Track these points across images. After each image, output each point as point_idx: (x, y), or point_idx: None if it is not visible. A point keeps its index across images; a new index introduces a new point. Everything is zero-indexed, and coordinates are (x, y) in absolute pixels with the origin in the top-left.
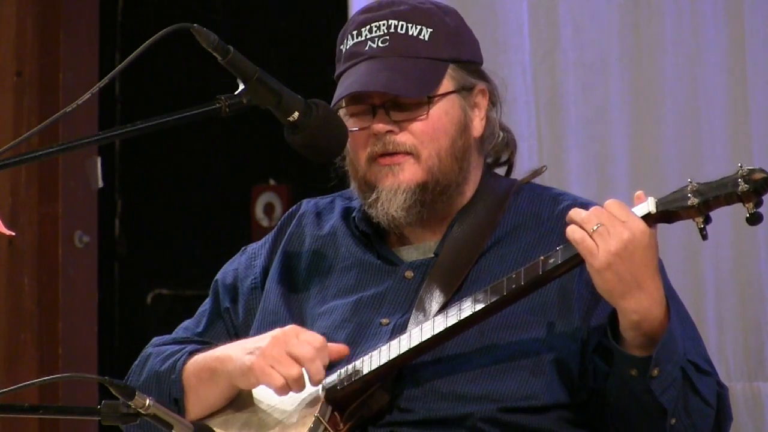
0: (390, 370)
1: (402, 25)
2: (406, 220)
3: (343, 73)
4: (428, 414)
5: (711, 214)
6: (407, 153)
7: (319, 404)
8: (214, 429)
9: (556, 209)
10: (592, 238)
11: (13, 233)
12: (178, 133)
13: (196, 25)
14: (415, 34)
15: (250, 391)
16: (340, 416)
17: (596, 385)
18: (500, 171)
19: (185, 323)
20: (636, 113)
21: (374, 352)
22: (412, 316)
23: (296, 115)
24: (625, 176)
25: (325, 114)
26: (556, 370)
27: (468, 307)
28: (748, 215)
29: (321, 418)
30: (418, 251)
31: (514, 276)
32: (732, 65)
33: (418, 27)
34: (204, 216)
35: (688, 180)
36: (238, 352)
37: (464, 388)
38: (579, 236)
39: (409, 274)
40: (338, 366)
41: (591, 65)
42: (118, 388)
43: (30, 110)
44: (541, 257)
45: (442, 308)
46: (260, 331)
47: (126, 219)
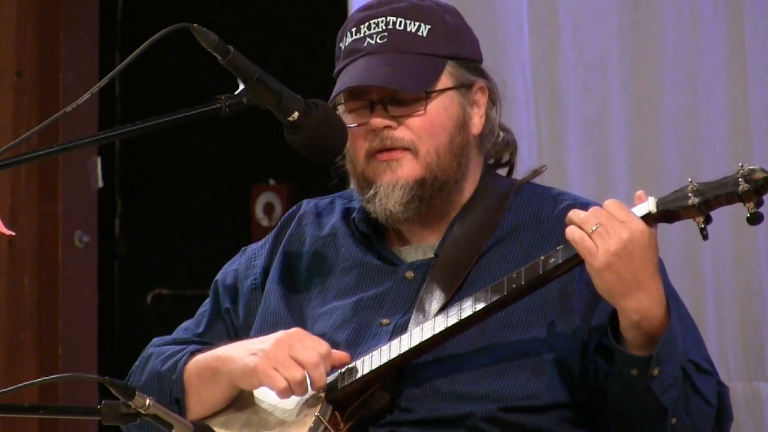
0: (390, 370)
1: (400, 22)
2: (404, 215)
3: (341, 69)
4: (429, 414)
5: (711, 213)
6: (405, 149)
7: (320, 404)
8: (215, 429)
9: (557, 209)
10: (591, 239)
11: (13, 233)
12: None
13: (196, 25)
14: (413, 30)
15: (251, 390)
16: (340, 416)
17: (597, 385)
18: (501, 171)
19: (185, 324)
20: (636, 113)
21: (375, 352)
22: (412, 317)
23: (296, 115)
24: (625, 176)
25: (324, 114)
26: (556, 369)
27: (468, 307)
28: (748, 215)
29: (321, 418)
30: (419, 252)
31: (514, 276)
32: (732, 65)
33: (417, 23)
34: (204, 216)
35: (689, 180)
36: (240, 353)
37: (465, 387)
38: (578, 236)
39: (409, 274)
40: (339, 366)
41: (591, 65)
42: (118, 388)
43: (30, 110)
44: (542, 257)
45: (443, 308)
46: (261, 331)
47: (126, 219)
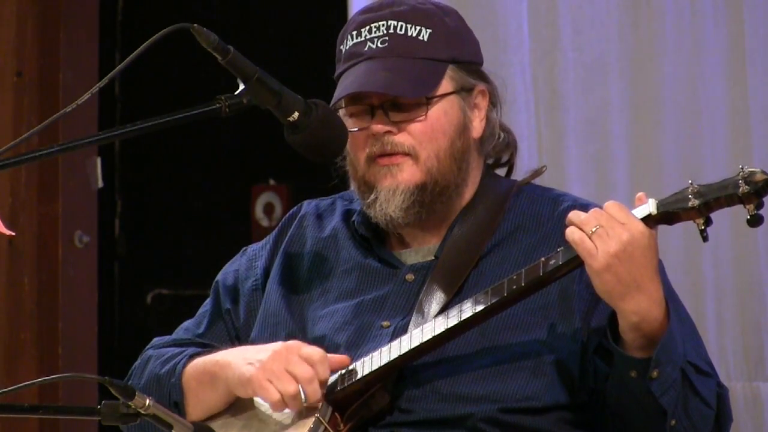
0: (390, 371)
1: (401, 26)
2: (404, 220)
3: (342, 73)
4: (428, 415)
5: (711, 215)
6: (406, 154)
7: (320, 405)
8: (214, 430)
9: (557, 210)
10: (591, 240)
11: (13, 233)
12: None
13: (196, 25)
14: (414, 34)
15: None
16: (340, 417)
17: (597, 387)
18: (500, 172)
19: (185, 324)
20: (636, 113)
21: (375, 353)
22: (412, 319)
23: (296, 115)
24: (625, 176)
25: (324, 114)
26: (556, 371)
27: (468, 309)
28: (748, 217)
29: (321, 419)
30: (419, 254)
31: (514, 277)
32: (732, 65)
33: (418, 28)
34: (204, 216)
35: (689, 181)
36: (237, 360)
37: (465, 388)
38: (578, 237)
39: (409, 277)
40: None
41: (591, 65)
42: (118, 388)
43: (30, 110)
44: (542, 259)
45: (443, 310)
46: (261, 332)
47: (126, 219)
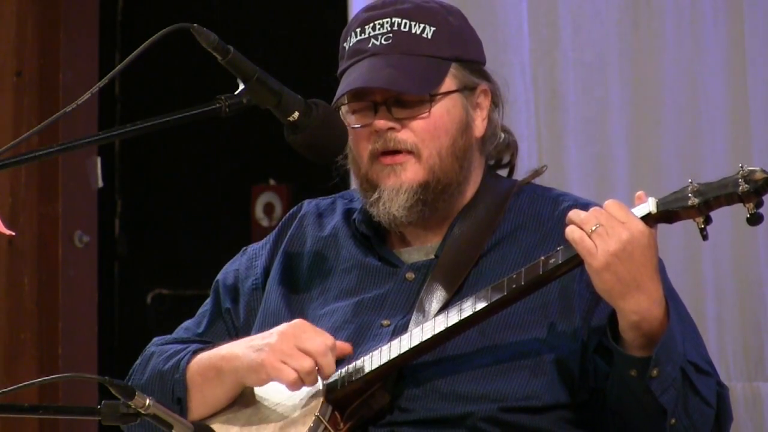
0: (390, 370)
1: (405, 23)
2: (407, 219)
3: (345, 70)
4: (428, 414)
5: (711, 214)
6: (408, 152)
7: (320, 404)
8: (216, 428)
9: (557, 210)
10: (591, 239)
11: (13, 233)
12: (178, 133)
13: (196, 25)
14: (417, 32)
15: (252, 390)
16: (340, 416)
17: (597, 386)
18: (502, 173)
19: (185, 323)
20: (636, 113)
21: (375, 352)
22: (413, 318)
23: (296, 115)
24: (625, 176)
25: (325, 114)
26: (556, 370)
27: (468, 307)
28: (748, 215)
29: (321, 418)
30: (419, 253)
31: (514, 276)
32: (732, 65)
33: (421, 25)
34: (204, 216)
35: (689, 180)
36: (245, 350)
37: (465, 387)
38: (578, 236)
39: (410, 275)
40: (339, 365)
41: (591, 65)
42: (118, 388)
43: (30, 110)
44: (542, 257)
45: (443, 309)
46: (261, 331)
47: (126, 219)
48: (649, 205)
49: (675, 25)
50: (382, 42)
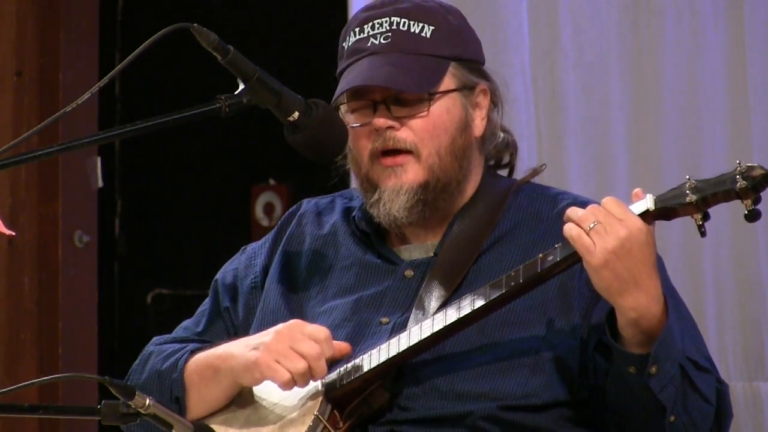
0: (390, 368)
1: (404, 23)
2: (408, 220)
3: (344, 69)
4: (428, 412)
5: (710, 211)
6: (408, 152)
7: (319, 403)
8: (215, 427)
9: (556, 208)
10: (589, 236)
11: (13, 233)
12: (178, 133)
13: (196, 25)
14: (417, 31)
15: (251, 389)
16: (339, 414)
17: (596, 383)
18: (501, 173)
19: (185, 323)
20: (636, 113)
21: (374, 351)
22: (411, 315)
23: (296, 115)
24: (625, 176)
25: (325, 114)
26: (555, 367)
27: (467, 305)
28: (746, 212)
29: (320, 417)
30: (419, 250)
31: (513, 273)
32: (732, 65)
33: (420, 24)
34: (204, 216)
35: (687, 177)
36: (241, 349)
37: (464, 386)
38: (576, 233)
39: (409, 273)
40: (338, 364)
41: (591, 65)
42: (118, 388)
43: (30, 110)
44: (540, 255)
45: (442, 307)
46: (260, 330)
47: (126, 219)
48: (647, 202)
49: (675, 25)
50: (381, 41)
